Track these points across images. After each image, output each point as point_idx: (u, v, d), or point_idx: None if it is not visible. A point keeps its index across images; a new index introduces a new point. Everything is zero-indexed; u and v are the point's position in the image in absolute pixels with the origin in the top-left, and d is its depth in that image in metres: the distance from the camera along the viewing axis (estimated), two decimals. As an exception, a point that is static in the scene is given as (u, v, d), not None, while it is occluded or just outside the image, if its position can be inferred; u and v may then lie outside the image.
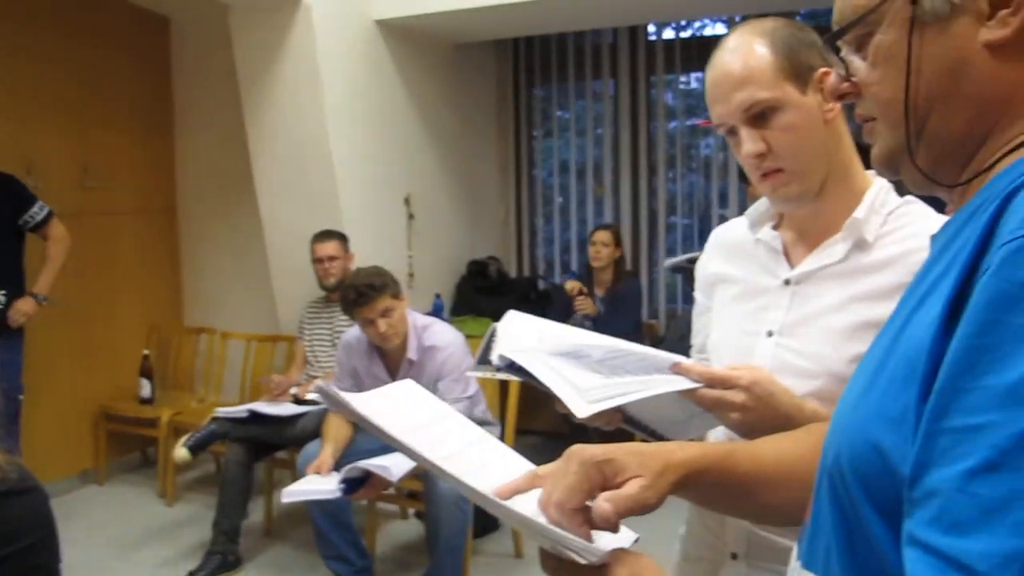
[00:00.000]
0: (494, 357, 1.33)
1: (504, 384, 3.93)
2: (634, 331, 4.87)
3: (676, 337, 5.19)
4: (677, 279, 5.93)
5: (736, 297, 1.45)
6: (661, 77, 5.90)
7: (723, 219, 5.63)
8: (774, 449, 1.06)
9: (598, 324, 4.71)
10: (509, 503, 0.90)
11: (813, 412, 1.20)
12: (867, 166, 1.37)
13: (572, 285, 4.96)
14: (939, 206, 1.05)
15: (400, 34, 4.93)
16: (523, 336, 1.39)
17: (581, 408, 1.09)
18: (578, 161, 6.20)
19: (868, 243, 1.29)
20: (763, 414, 1.18)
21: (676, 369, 1.21)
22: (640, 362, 1.24)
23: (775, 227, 1.42)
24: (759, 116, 1.27)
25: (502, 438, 3.71)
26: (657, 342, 5.25)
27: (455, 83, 5.63)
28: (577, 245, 6.20)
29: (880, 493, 0.67)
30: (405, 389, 1.17)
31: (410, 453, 0.94)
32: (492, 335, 1.39)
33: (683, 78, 6.02)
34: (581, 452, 0.87)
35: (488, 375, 1.45)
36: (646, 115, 5.94)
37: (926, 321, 0.66)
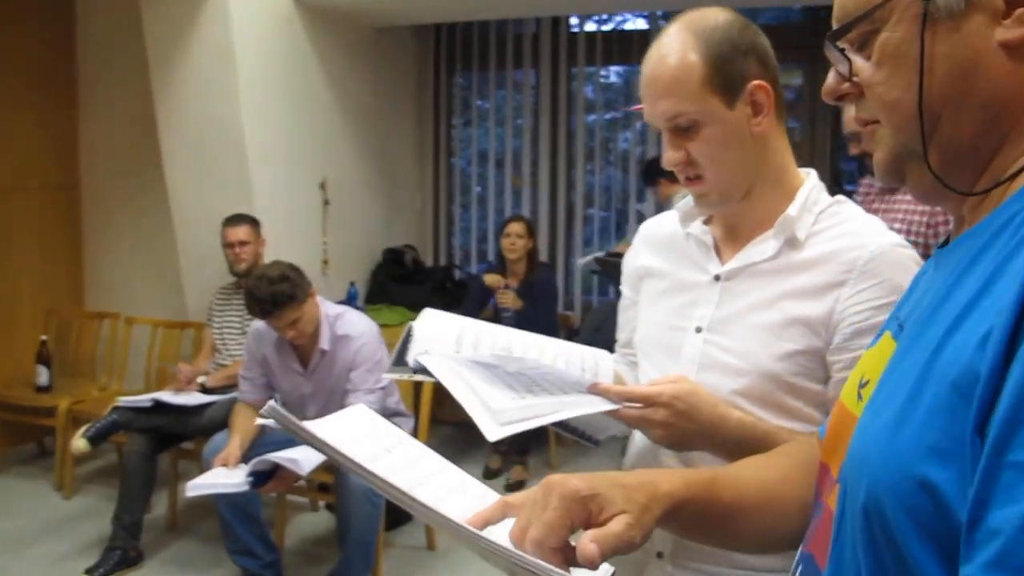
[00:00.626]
0: (410, 359, 1.29)
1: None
2: (550, 323, 4.87)
3: (592, 329, 5.22)
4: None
5: (664, 292, 1.43)
6: (582, 69, 5.91)
7: (640, 215, 5.73)
8: (756, 476, 1.02)
9: (518, 317, 4.69)
10: (483, 533, 0.85)
11: (738, 422, 1.20)
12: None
13: (493, 279, 4.92)
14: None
15: (319, 15, 4.81)
16: (440, 337, 1.35)
17: (491, 430, 1.07)
18: (497, 151, 6.17)
19: (799, 241, 1.28)
20: (686, 428, 1.17)
21: (594, 389, 1.20)
22: (559, 380, 1.22)
23: (706, 222, 1.41)
24: (682, 127, 1.26)
25: (416, 429, 3.69)
26: (572, 334, 5.27)
27: (375, 68, 5.53)
28: (495, 235, 6.16)
29: (933, 532, 0.62)
30: (359, 415, 1.12)
31: (378, 482, 0.89)
32: (408, 335, 1.34)
33: (603, 72, 6.04)
34: (562, 485, 0.81)
35: (404, 377, 1.40)
36: (566, 107, 5.95)
37: (971, 345, 0.60)
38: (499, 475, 4.81)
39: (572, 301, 6.10)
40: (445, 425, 5.22)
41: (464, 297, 5.15)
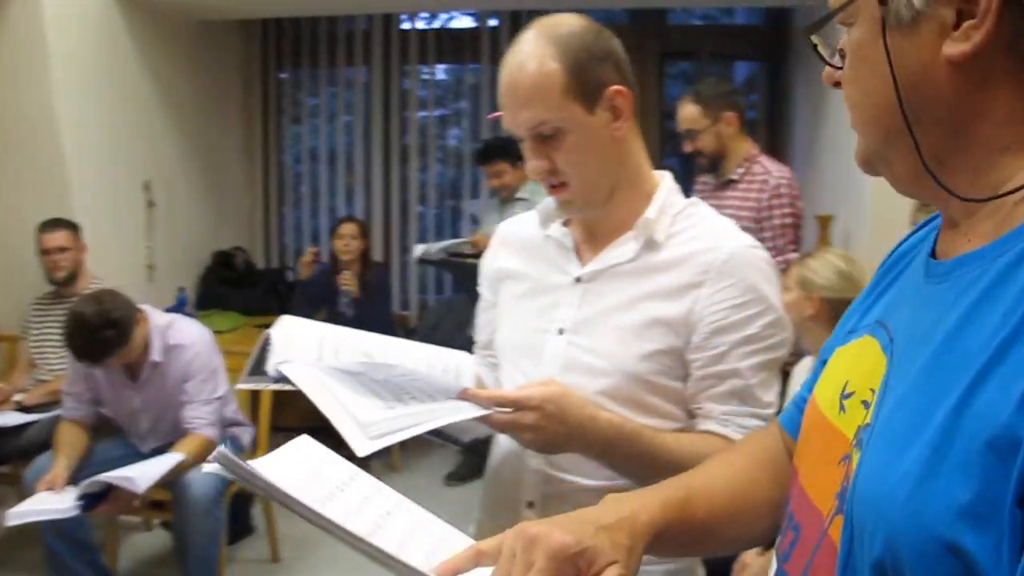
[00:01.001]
0: (269, 367, 1.25)
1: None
2: (386, 322, 4.83)
3: (428, 327, 5.21)
4: (428, 269, 5.95)
5: (524, 294, 1.44)
6: (414, 67, 5.88)
7: (474, 218, 5.76)
8: (726, 486, 0.97)
9: (358, 311, 4.62)
10: None
11: (607, 422, 1.22)
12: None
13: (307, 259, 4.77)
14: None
15: (138, 6, 4.56)
16: (301, 344, 1.31)
17: (362, 445, 1.05)
18: (329, 149, 6.05)
19: (658, 243, 1.31)
20: (556, 431, 1.18)
21: (464, 395, 1.19)
22: (428, 387, 1.20)
23: (565, 224, 1.42)
24: (545, 135, 1.27)
25: (255, 437, 3.57)
26: (409, 333, 5.25)
27: (200, 63, 5.30)
28: (327, 235, 6.04)
29: None
30: (303, 447, 1.05)
31: (337, 531, 0.84)
32: (267, 343, 1.30)
33: (426, 69, 6.03)
34: (547, 542, 0.75)
35: (260, 386, 1.35)
36: (399, 104, 5.90)
37: (1009, 404, 0.56)
38: (342, 480, 4.73)
39: (408, 300, 6.07)
40: (285, 431, 5.06)
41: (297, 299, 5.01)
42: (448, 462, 4.77)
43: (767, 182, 3.20)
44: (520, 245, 1.49)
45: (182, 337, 3.22)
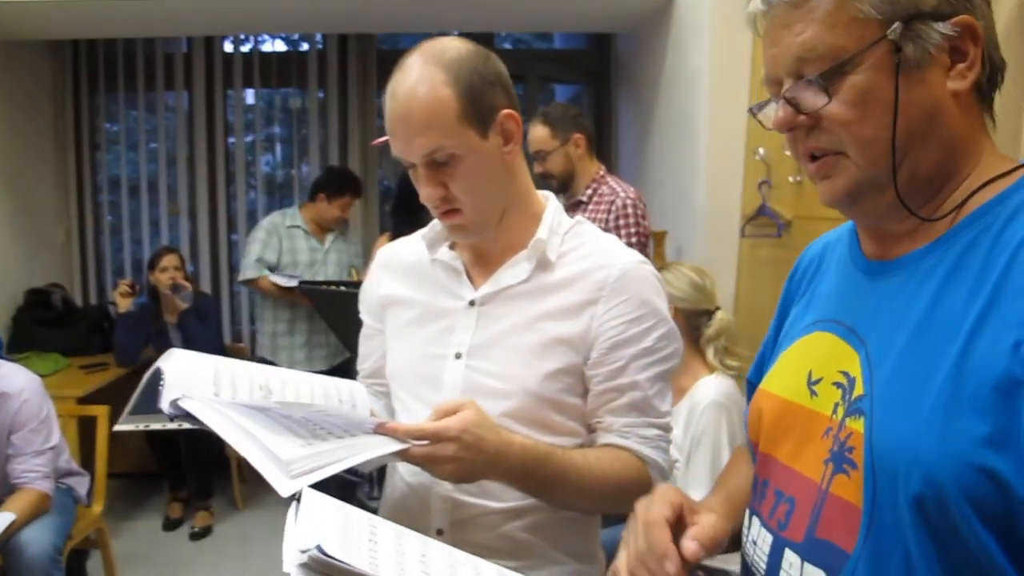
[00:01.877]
0: (164, 404, 1.18)
1: (87, 426, 3.53)
2: (218, 350, 4.64)
3: (261, 359, 5.05)
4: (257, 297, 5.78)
5: (415, 320, 1.42)
6: (238, 91, 5.70)
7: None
8: (746, 485, 1.10)
9: (186, 343, 4.40)
10: None
11: (521, 446, 1.22)
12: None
13: (123, 291, 4.53)
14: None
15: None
16: (196, 379, 1.25)
17: (283, 485, 1.00)
18: (150, 177, 5.75)
19: (551, 263, 1.33)
20: (475, 460, 1.16)
21: (381, 430, 1.16)
22: (342, 422, 1.17)
23: (451, 247, 1.42)
24: (439, 162, 1.26)
25: (92, 486, 3.34)
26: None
27: (5, 87, 4.91)
28: (147, 266, 5.72)
29: (994, 514, 0.73)
30: (319, 504, 0.97)
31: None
32: (158, 378, 1.22)
33: (246, 94, 5.85)
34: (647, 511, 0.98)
35: (142, 426, 1.28)
36: (223, 130, 5.69)
37: (1003, 353, 0.73)
38: (181, 524, 4.49)
39: (241, 331, 5.86)
40: (120, 478, 4.78)
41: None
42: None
43: (614, 202, 3.30)
44: (404, 270, 1.47)
45: (6, 384, 2.97)
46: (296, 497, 0.96)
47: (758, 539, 0.98)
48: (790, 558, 0.91)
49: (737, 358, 2.61)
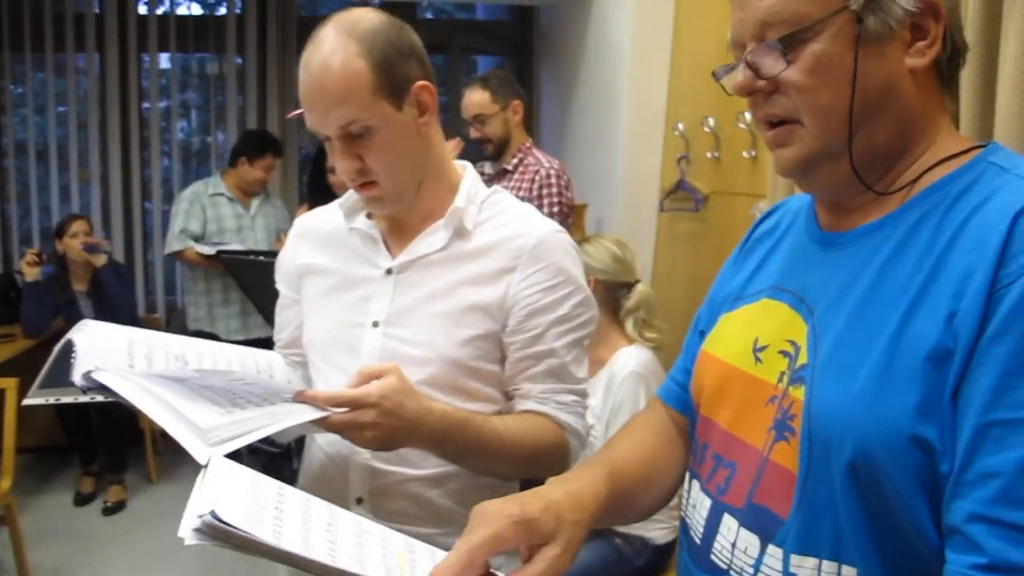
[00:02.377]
0: (76, 376, 1.16)
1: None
2: (131, 320, 4.55)
3: (179, 330, 4.95)
4: (176, 267, 5.67)
5: (332, 288, 1.42)
6: (153, 55, 5.53)
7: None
8: (638, 455, 1.09)
9: (98, 313, 4.30)
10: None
11: (441, 412, 1.22)
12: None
13: (31, 260, 4.41)
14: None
15: None
16: (109, 351, 1.23)
17: (202, 452, 0.99)
18: (58, 142, 5.55)
19: (468, 231, 1.35)
20: (394, 426, 1.17)
21: (300, 397, 1.16)
22: (261, 391, 1.16)
23: (369, 216, 1.42)
24: (354, 134, 1.26)
25: (0, 463, 3.25)
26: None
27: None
28: (54, 233, 5.54)
29: (924, 480, 0.75)
30: (227, 470, 0.95)
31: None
32: (70, 350, 1.20)
33: (160, 58, 5.68)
34: (494, 508, 0.85)
35: (53, 400, 1.25)
36: (137, 94, 5.52)
37: (937, 326, 0.76)
38: (94, 499, 4.40)
39: (155, 301, 5.73)
40: (27, 452, 4.65)
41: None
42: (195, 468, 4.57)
43: (538, 172, 3.33)
44: (321, 239, 1.47)
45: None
46: (205, 464, 0.96)
47: (697, 502, 1.00)
48: (728, 522, 0.93)
49: (655, 330, 2.67)
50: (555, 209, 3.28)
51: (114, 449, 4.43)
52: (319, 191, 3.68)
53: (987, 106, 1.49)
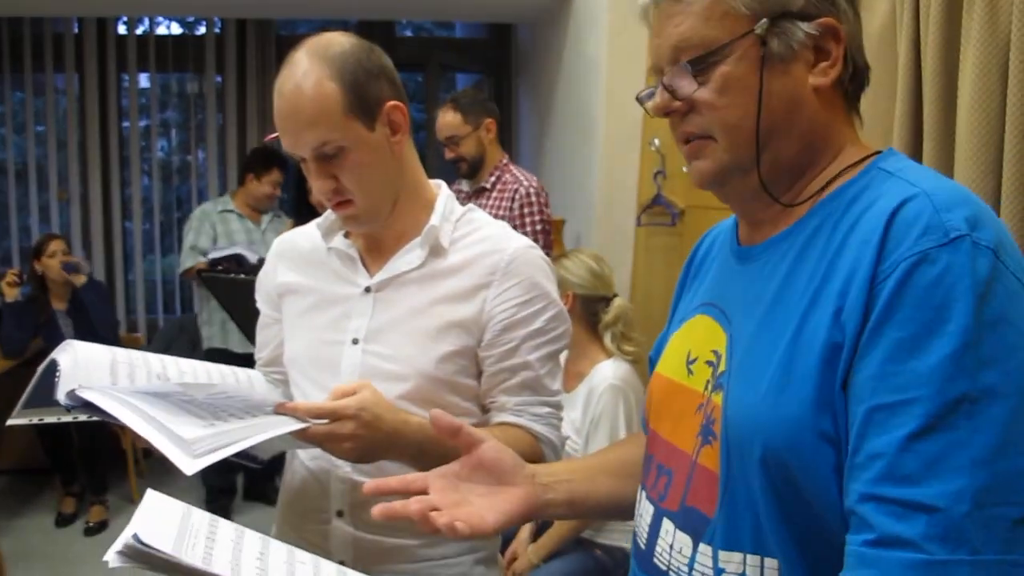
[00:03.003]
0: (60, 395, 1.18)
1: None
2: (112, 338, 4.53)
3: (161, 349, 4.95)
4: (157, 287, 5.68)
5: (311, 307, 1.44)
6: (132, 75, 5.55)
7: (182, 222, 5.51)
8: (616, 452, 1.20)
9: (78, 333, 4.29)
10: None
11: (418, 425, 1.24)
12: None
13: (8, 277, 4.38)
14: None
15: None
16: (93, 370, 1.25)
17: (186, 463, 1.01)
18: (38, 162, 5.55)
19: (444, 248, 1.38)
20: (373, 438, 1.19)
21: (281, 409, 1.18)
22: (242, 404, 1.18)
23: (346, 235, 1.45)
24: (328, 155, 1.29)
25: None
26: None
27: None
28: (31, 255, 5.52)
29: (833, 468, 0.80)
30: (158, 504, 0.96)
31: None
32: (54, 369, 1.22)
33: (139, 77, 5.71)
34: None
35: (36, 420, 1.27)
36: (116, 114, 5.53)
37: (825, 324, 0.81)
38: (75, 520, 4.37)
39: (136, 321, 5.73)
40: (4, 474, 4.63)
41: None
42: (196, 499, 4.56)
43: (518, 191, 3.36)
44: (300, 259, 1.49)
45: None
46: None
47: (643, 511, 1.05)
48: (667, 526, 0.98)
49: (634, 343, 2.70)
50: (538, 228, 3.32)
51: (95, 469, 4.41)
52: (304, 210, 3.69)
53: (949, 119, 1.55)
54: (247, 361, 1.60)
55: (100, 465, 4.41)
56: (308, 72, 1.27)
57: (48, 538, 4.21)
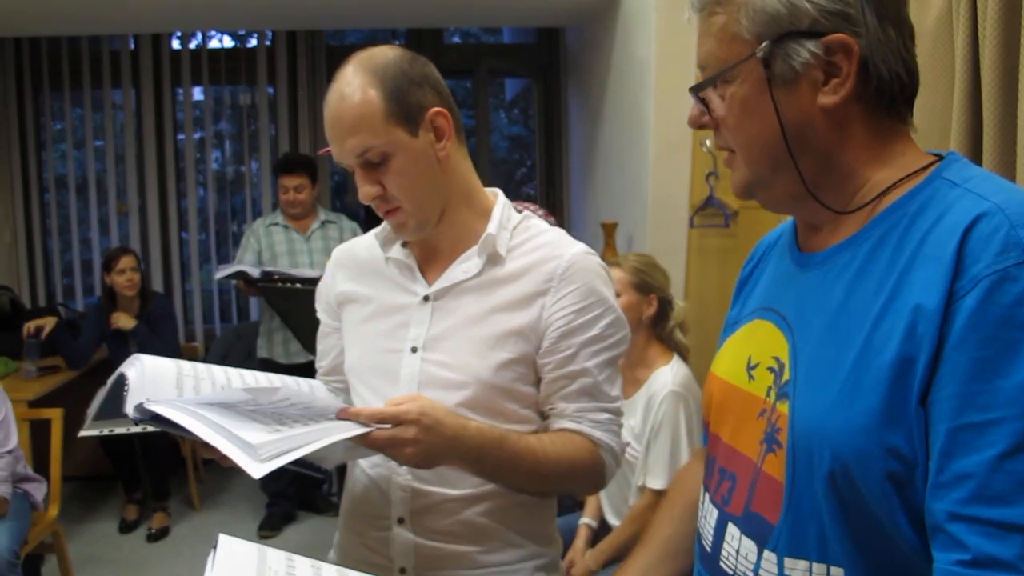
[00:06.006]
0: (129, 408, 1.20)
1: (38, 429, 3.50)
2: (174, 354, 4.61)
3: (219, 357, 5.03)
4: (214, 296, 5.78)
5: (371, 316, 1.46)
6: (187, 88, 5.65)
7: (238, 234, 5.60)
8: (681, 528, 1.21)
9: (142, 346, 4.38)
10: None
11: (477, 429, 1.26)
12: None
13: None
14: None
15: None
16: (160, 383, 1.27)
17: (254, 467, 1.03)
18: (97, 175, 5.69)
19: (501, 257, 1.38)
20: (434, 442, 1.20)
21: (343, 415, 1.20)
22: (305, 409, 1.20)
23: (404, 245, 1.46)
24: (372, 161, 1.31)
25: (48, 491, 3.32)
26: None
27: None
28: (102, 267, 5.67)
29: (899, 484, 0.80)
30: (232, 551, 0.95)
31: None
32: (121, 383, 1.25)
33: (194, 91, 5.81)
34: None
35: (107, 431, 1.30)
36: (172, 127, 5.64)
37: (897, 338, 0.81)
38: (138, 526, 4.46)
39: (194, 331, 5.83)
40: (71, 481, 4.74)
41: (78, 335, 4.66)
42: (255, 506, 4.62)
43: None
44: (359, 268, 1.51)
45: (-38, 388, 2.95)
46: (213, 545, 0.98)
47: (707, 513, 1.06)
48: (732, 531, 1.00)
49: (687, 345, 2.68)
50: None
51: (158, 477, 4.50)
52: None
53: (1009, 117, 1.51)
54: (291, 372, 1.62)
55: (161, 472, 4.50)
56: (351, 82, 1.30)
57: (112, 544, 4.30)
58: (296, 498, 4.59)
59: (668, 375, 2.53)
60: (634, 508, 2.51)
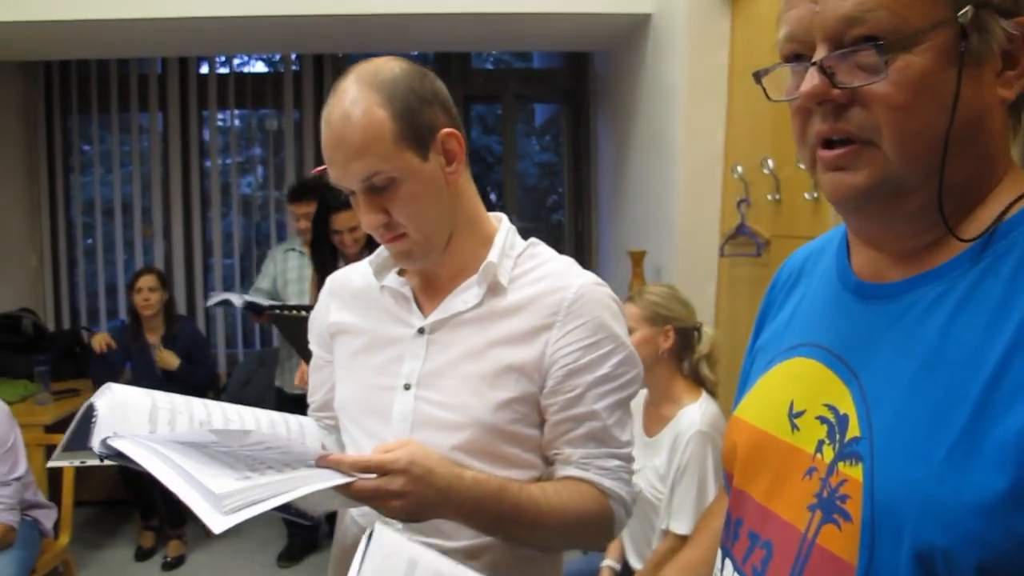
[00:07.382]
0: (94, 443, 1.12)
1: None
2: (211, 376, 4.64)
3: (240, 383, 4.97)
4: (236, 321, 5.73)
5: (363, 349, 1.35)
6: (213, 113, 5.65)
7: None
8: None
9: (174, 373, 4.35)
10: None
11: (473, 479, 1.15)
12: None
13: (100, 339, 4.49)
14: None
15: None
16: (131, 416, 1.18)
17: (215, 520, 0.92)
18: (123, 199, 5.68)
19: (503, 287, 1.28)
20: (424, 494, 1.09)
21: (323, 462, 1.08)
22: (283, 456, 1.09)
23: (400, 273, 1.36)
24: (378, 187, 1.20)
25: (59, 517, 3.25)
26: (219, 391, 4.99)
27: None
28: (125, 291, 5.66)
29: (1017, 570, 0.64)
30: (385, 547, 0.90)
31: None
32: (91, 415, 1.16)
33: (222, 115, 5.79)
34: None
35: (77, 463, 1.21)
36: (198, 151, 5.63)
37: None
38: (153, 554, 4.39)
39: (216, 355, 5.77)
40: (87, 506, 4.68)
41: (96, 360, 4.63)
42: (276, 535, 4.53)
43: None
44: (352, 297, 1.41)
45: (-29, 412, 2.90)
46: (369, 534, 0.94)
47: None
48: None
49: (717, 378, 2.55)
50: None
51: (173, 504, 4.42)
52: (325, 250, 3.49)
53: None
54: (298, 402, 1.52)
55: (178, 500, 4.42)
56: (357, 100, 1.18)
57: (128, 571, 4.24)
58: (319, 527, 4.49)
59: (696, 413, 2.39)
60: (657, 551, 2.39)
